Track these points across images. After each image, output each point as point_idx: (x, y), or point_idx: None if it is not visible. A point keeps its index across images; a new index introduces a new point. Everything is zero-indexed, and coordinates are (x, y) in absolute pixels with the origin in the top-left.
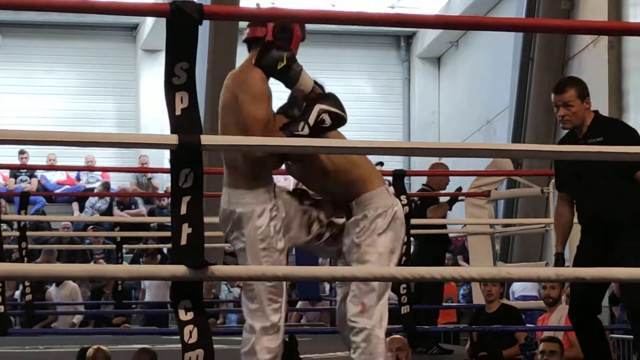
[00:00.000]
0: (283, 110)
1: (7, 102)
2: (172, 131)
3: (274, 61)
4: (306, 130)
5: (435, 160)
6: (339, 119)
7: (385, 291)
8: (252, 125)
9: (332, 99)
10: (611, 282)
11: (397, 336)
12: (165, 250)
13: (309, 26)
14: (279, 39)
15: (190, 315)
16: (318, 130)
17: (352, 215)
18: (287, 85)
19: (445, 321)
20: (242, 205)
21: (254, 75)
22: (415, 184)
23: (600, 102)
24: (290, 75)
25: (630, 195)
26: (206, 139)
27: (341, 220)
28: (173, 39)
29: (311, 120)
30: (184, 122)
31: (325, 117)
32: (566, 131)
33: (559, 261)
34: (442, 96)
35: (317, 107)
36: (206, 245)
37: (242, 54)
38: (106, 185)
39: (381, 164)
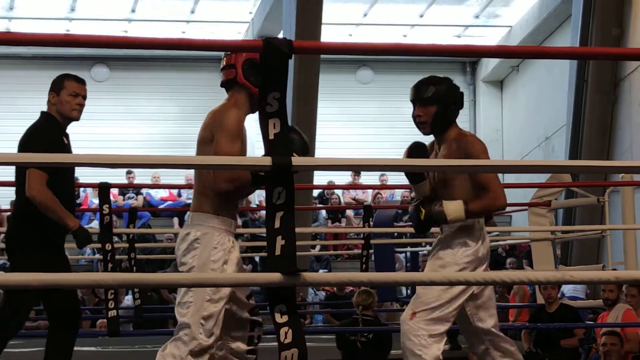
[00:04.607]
0: None
1: (114, 128)
2: (266, 154)
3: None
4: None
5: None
6: None
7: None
8: None
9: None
10: None
11: None
12: (257, 259)
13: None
14: (249, 76)
15: (285, 318)
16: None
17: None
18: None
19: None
20: None
21: (231, 114)
22: None
23: None
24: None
25: None
26: (296, 160)
27: None
28: (266, 71)
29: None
30: (277, 146)
31: None
32: None
33: None
34: (505, 116)
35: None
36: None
37: (324, 81)
38: None
39: None
